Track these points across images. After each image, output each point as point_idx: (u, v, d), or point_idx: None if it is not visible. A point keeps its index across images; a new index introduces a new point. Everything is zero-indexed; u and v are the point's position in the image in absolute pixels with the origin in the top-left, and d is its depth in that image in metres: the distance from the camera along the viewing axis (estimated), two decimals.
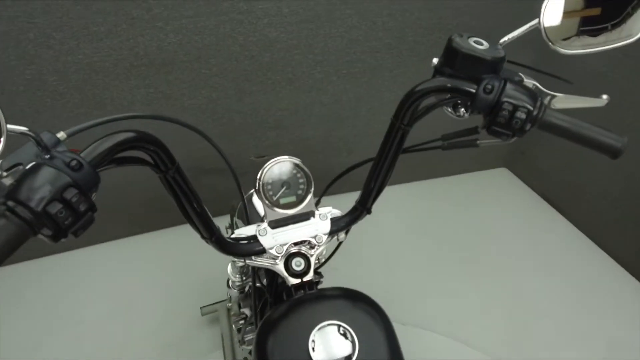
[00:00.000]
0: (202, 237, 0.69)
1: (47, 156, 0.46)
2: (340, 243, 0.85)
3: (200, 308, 1.64)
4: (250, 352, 1.38)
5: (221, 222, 2.04)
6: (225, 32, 1.73)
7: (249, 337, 1.15)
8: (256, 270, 0.88)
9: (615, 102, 0.58)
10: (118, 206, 2.02)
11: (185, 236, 2.02)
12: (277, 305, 0.78)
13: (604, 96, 0.62)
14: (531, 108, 0.57)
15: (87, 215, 0.47)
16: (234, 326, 1.27)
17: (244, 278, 0.98)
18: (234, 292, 1.07)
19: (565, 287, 1.89)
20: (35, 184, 0.43)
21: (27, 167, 0.45)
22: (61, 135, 0.50)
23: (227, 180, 0.65)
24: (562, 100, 0.62)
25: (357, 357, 0.65)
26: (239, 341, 1.19)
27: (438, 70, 0.64)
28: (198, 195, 0.65)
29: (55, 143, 0.48)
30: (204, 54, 1.76)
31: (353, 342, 0.66)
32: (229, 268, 1.00)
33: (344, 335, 0.67)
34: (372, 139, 2.14)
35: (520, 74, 0.63)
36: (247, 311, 1.21)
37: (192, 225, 0.67)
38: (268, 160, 0.75)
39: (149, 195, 2.04)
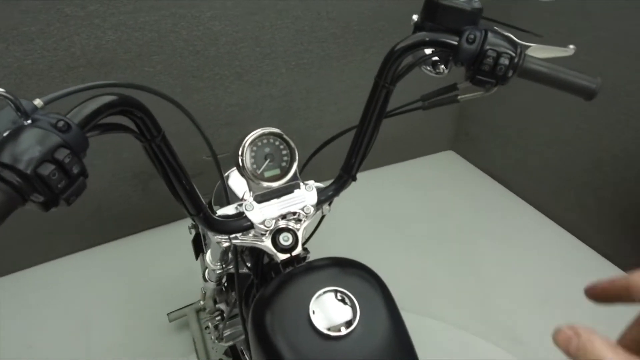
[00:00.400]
0: (190, 213, 0.65)
1: (29, 121, 0.42)
2: (323, 217, 0.84)
3: (167, 314, 1.56)
4: (225, 352, 1.34)
5: (184, 225, 1.97)
6: (167, 27, 1.67)
7: (228, 332, 1.10)
8: (239, 252, 0.85)
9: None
10: (66, 219, 1.89)
11: (141, 245, 1.98)
12: (267, 283, 0.76)
13: (571, 46, 0.65)
14: (513, 54, 0.59)
15: (80, 179, 0.43)
16: (210, 324, 1.22)
17: (224, 265, 0.94)
18: (211, 285, 1.02)
19: (517, 253, 2.00)
20: (22, 146, 0.39)
21: (8, 132, 0.40)
22: (38, 102, 0.45)
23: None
24: (534, 50, 0.65)
25: (358, 320, 0.64)
26: (217, 339, 1.14)
27: (418, 26, 0.65)
28: (185, 169, 0.62)
29: (32, 110, 0.44)
30: (145, 51, 1.69)
31: (353, 305, 0.65)
32: (208, 256, 0.95)
33: (342, 300, 0.66)
34: (325, 129, 2.15)
35: (495, 27, 0.66)
36: (222, 307, 1.17)
37: (178, 200, 0.63)
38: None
39: (98, 205, 1.93)
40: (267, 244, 0.74)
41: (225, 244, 0.75)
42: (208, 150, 0.70)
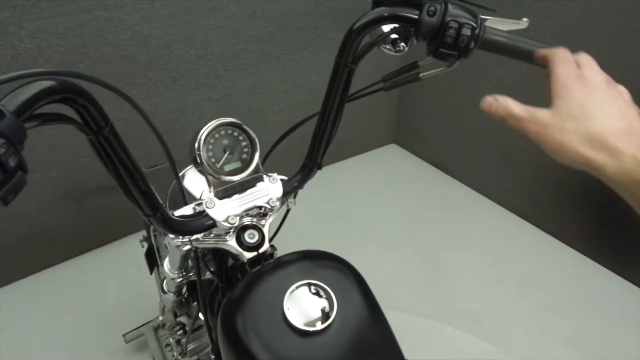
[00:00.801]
0: (145, 214, 0.59)
1: None
2: (288, 210, 0.80)
3: (123, 336, 1.44)
4: None
5: (128, 243, 1.84)
6: (91, 31, 1.56)
7: (192, 346, 1.03)
8: (200, 256, 0.79)
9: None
10: None
11: (82, 269, 1.83)
12: (234, 285, 0.71)
13: (525, 19, 0.66)
14: (475, 25, 0.58)
15: (18, 174, 0.36)
16: (171, 339, 1.13)
17: (184, 273, 0.87)
18: (170, 297, 0.94)
19: (466, 237, 2.06)
20: None
21: None
22: None
23: (122, 199, 0.56)
24: (490, 23, 0.65)
25: (336, 312, 0.61)
26: (180, 354, 1.06)
27: (377, 2, 0.63)
28: (137, 165, 0.55)
29: None
30: (69, 59, 1.56)
31: (329, 298, 0.62)
32: (166, 265, 0.88)
33: (317, 293, 0.63)
34: (269, 130, 2.10)
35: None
36: (184, 320, 1.09)
37: (131, 200, 0.57)
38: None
39: (28, 230, 1.75)
40: (231, 243, 0.69)
41: (186, 247, 0.70)
42: (146, 161, 0.64)
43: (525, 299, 1.74)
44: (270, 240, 0.77)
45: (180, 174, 0.85)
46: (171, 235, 0.67)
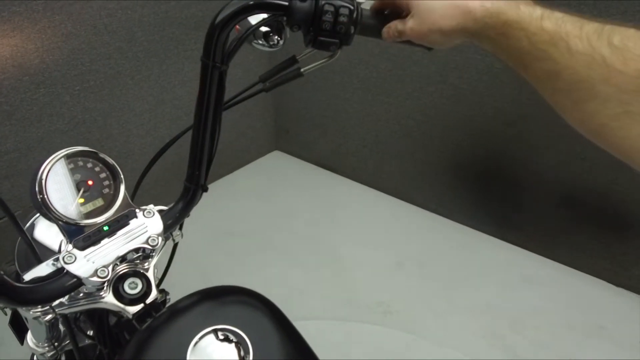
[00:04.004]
0: None
1: None
2: (176, 244, 0.68)
3: None
4: None
5: None
6: None
7: None
8: (72, 320, 0.63)
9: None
10: None
11: None
12: (122, 348, 0.57)
13: None
14: (351, 7, 0.53)
15: None
16: None
17: (56, 343, 0.69)
18: None
19: (359, 229, 2.08)
20: None
21: None
22: None
23: None
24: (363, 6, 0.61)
25: (253, 354, 0.53)
26: None
27: None
28: None
29: None
30: None
31: (241, 340, 0.54)
32: (29, 339, 0.69)
33: (227, 339, 0.54)
34: (137, 157, 1.89)
35: None
36: None
37: None
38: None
39: None
40: (108, 299, 0.55)
41: (48, 317, 0.54)
42: None
43: (427, 279, 1.79)
44: (159, 284, 0.64)
45: (27, 224, 0.68)
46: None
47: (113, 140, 1.82)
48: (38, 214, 0.68)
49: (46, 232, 0.68)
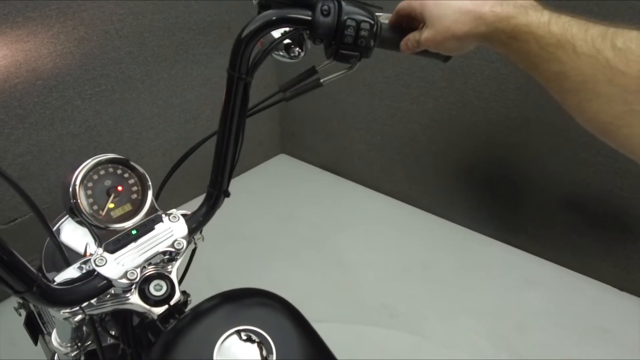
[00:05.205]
0: (16, 292, 0.46)
1: None
2: (195, 248, 0.70)
3: None
4: None
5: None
6: None
7: None
8: (97, 321, 0.65)
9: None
10: None
11: None
12: (148, 350, 0.59)
13: None
14: (372, 22, 0.55)
15: None
16: None
17: (79, 343, 0.72)
18: None
19: (365, 232, 2.10)
20: None
21: None
22: None
23: None
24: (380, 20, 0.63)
25: (276, 354, 0.55)
26: None
27: (263, 5, 0.57)
28: None
29: None
30: None
31: (264, 340, 0.56)
32: (54, 339, 0.71)
33: (249, 339, 0.56)
34: (148, 159, 1.92)
35: None
36: None
37: None
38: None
39: None
40: (134, 300, 0.57)
41: (78, 318, 0.56)
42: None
43: (433, 282, 1.81)
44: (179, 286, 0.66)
45: (54, 229, 0.70)
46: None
47: (123, 144, 1.84)
48: (65, 218, 0.70)
49: (71, 235, 0.70)
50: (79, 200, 0.54)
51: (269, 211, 2.25)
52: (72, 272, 0.57)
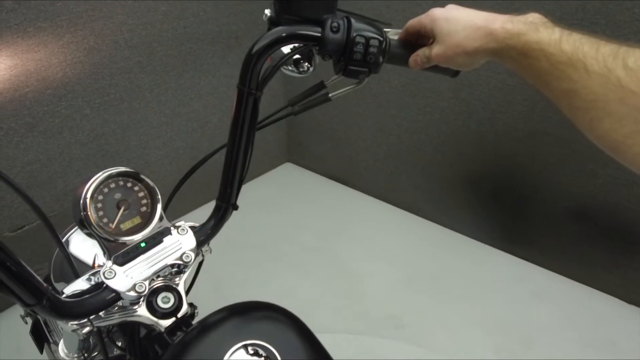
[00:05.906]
0: (26, 304, 0.46)
1: None
2: (202, 261, 0.71)
3: None
4: None
5: (4, 320, 1.53)
6: None
7: None
8: (104, 334, 0.66)
9: None
10: None
11: None
12: None
13: None
14: (381, 38, 0.56)
15: None
16: None
17: (86, 354, 0.72)
18: None
19: (370, 242, 2.09)
20: None
21: None
22: None
23: None
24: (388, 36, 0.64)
25: None
26: None
27: (274, 22, 0.58)
28: (6, 247, 0.43)
29: None
30: None
31: (270, 355, 0.56)
32: (61, 349, 0.71)
33: (256, 353, 0.56)
34: (154, 168, 1.93)
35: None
36: None
37: (4, 291, 0.44)
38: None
39: None
40: (142, 312, 0.58)
41: (86, 330, 0.57)
42: (8, 225, 0.51)
43: (439, 293, 1.80)
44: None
45: (63, 240, 0.71)
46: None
47: (130, 152, 1.86)
48: (74, 229, 0.71)
49: (80, 246, 0.71)
50: (89, 213, 0.54)
51: (274, 220, 2.26)
52: (81, 284, 0.58)
